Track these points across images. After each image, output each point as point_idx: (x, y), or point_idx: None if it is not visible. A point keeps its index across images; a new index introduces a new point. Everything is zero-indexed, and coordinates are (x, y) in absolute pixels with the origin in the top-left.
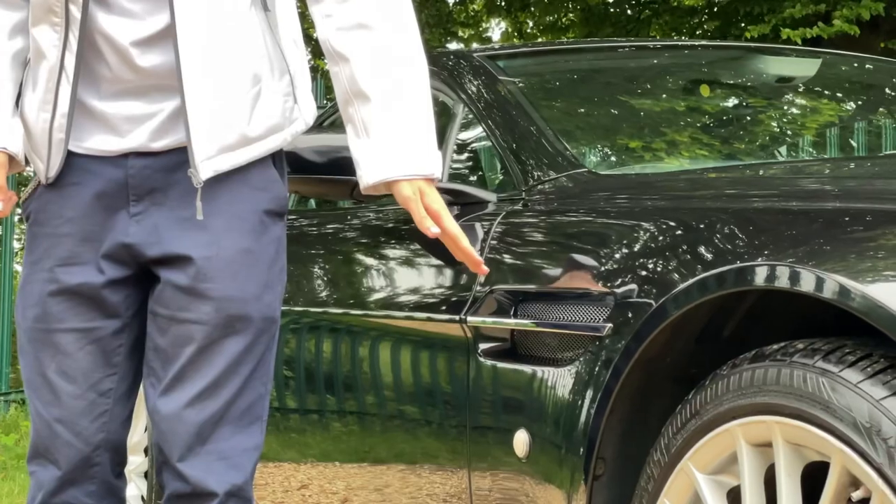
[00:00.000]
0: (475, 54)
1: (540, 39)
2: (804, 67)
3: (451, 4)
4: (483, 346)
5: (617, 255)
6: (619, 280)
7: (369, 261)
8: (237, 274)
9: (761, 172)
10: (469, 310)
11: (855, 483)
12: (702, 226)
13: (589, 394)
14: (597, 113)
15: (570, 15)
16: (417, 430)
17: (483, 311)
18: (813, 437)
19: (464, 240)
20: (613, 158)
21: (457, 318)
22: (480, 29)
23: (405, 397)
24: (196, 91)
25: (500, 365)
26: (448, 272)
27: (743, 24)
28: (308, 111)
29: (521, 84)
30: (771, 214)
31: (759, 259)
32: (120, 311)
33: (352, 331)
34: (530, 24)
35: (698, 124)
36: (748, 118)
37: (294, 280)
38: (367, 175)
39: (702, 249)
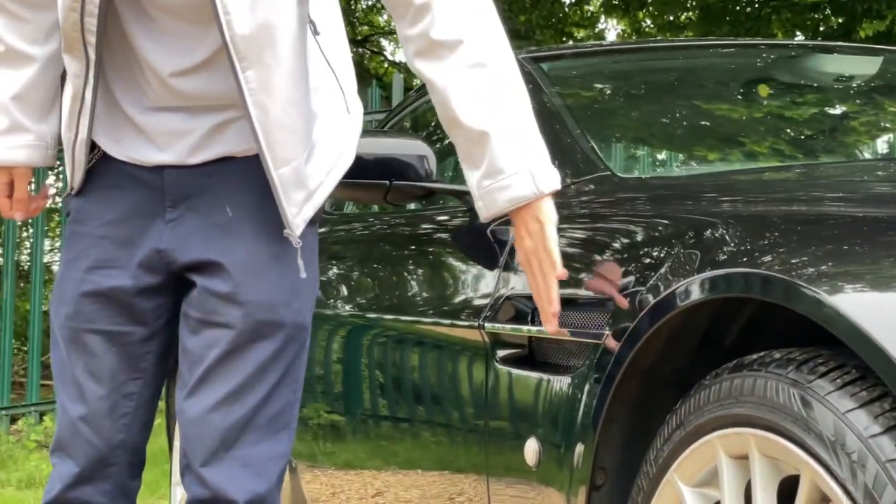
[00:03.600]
0: (520, 56)
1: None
2: (864, 65)
3: (566, 5)
4: (501, 352)
5: (624, 260)
6: (622, 285)
7: (405, 266)
8: (266, 279)
9: (785, 175)
10: (487, 315)
11: (826, 499)
12: (705, 231)
13: (588, 402)
14: (638, 116)
15: (689, 13)
16: (453, 437)
17: (501, 317)
18: (785, 451)
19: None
20: (646, 161)
21: (476, 324)
22: (597, 30)
23: (451, 405)
24: (276, 152)
25: (515, 372)
26: (470, 278)
27: (864, 20)
28: (358, 115)
29: (560, 87)
30: (776, 219)
31: (740, 266)
32: (148, 319)
33: (392, 336)
34: (648, 22)
35: (756, 127)
36: (808, 119)
37: (342, 284)
38: (489, 206)
39: (693, 256)
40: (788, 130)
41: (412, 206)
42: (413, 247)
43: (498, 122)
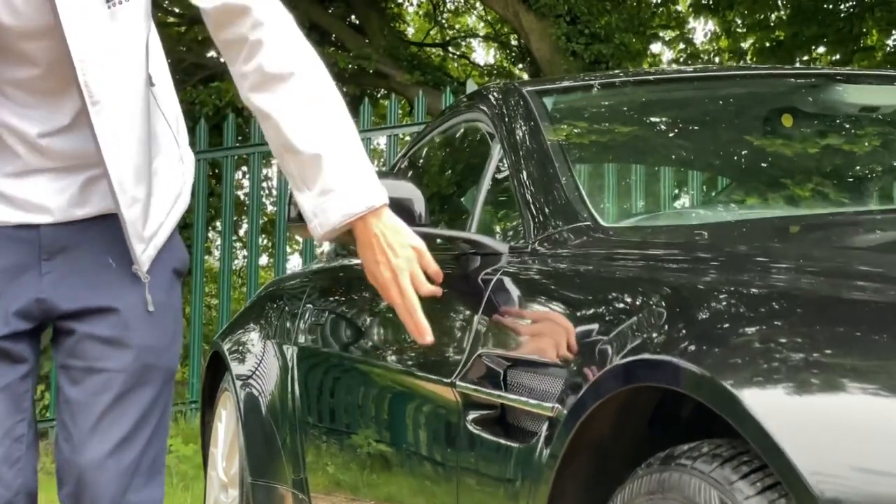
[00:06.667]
0: (525, 89)
1: (749, 41)
2: (890, 95)
3: (652, 6)
4: (472, 413)
5: (584, 325)
6: (578, 354)
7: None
8: (152, 324)
9: (761, 227)
10: (459, 373)
11: None
12: (644, 303)
13: (540, 475)
14: (643, 155)
15: (780, 13)
16: (430, 494)
17: (472, 376)
18: None
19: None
20: (666, 202)
21: (448, 381)
22: (685, 31)
23: (428, 462)
24: (126, 192)
25: (483, 435)
26: (448, 330)
27: None
28: (190, 164)
29: (561, 123)
30: (717, 294)
31: (664, 351)
32: (25, 355)
33: (375, 382)
34: (739, 22)
35: (777, 164)
36: (831, 154)
37: (335, 323)
38: (323, 223)
39: (626, 333)
40: (804, 167)
41: None
42: None
43: (329, 145)
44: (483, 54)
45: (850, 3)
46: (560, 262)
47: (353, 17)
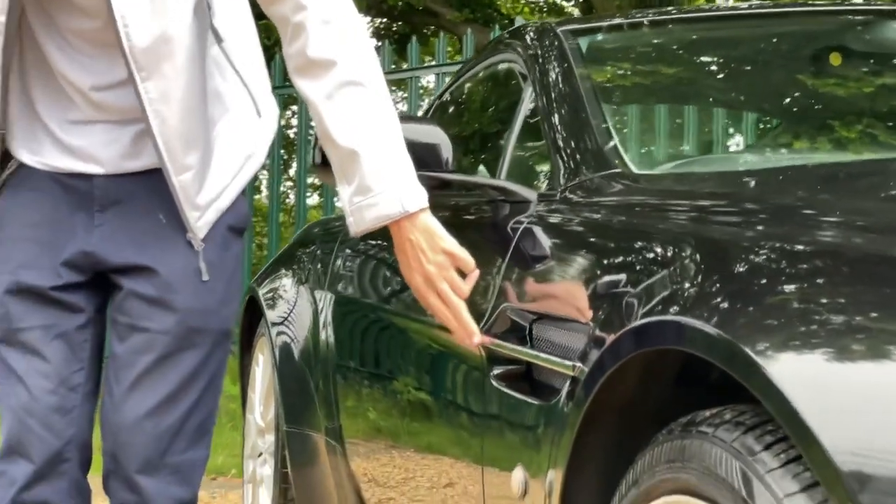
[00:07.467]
0: (560, 29)
1: None
2: None
3: None
4: (496, 369)
5: (609, 279)
6: (601, 309)
7: None
8: (201, 287)
9: (810, 174)
10: (483, 327)
11: None
12: (671, 259)
13: (561, 437)
14: (680, 100)
15: None
16: (456, 450)
17: (496, 330)
18: None
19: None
20: (675, 155)
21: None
22: None
23: (453, 418)
24: (176, 160)
25: (507, 392)
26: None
27: None
28: (271, 117)
29: (596, 66)
30: (748, 249)
31: (685, 311)
32: (82, 305)
33: (408, 334)
34: None
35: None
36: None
37: (364, 270)
38: (358, 222)
39: (650, 289)
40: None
41: None
42: None
43: (367, 142)
44: None
45: None
46: (590, 212)
47: None
